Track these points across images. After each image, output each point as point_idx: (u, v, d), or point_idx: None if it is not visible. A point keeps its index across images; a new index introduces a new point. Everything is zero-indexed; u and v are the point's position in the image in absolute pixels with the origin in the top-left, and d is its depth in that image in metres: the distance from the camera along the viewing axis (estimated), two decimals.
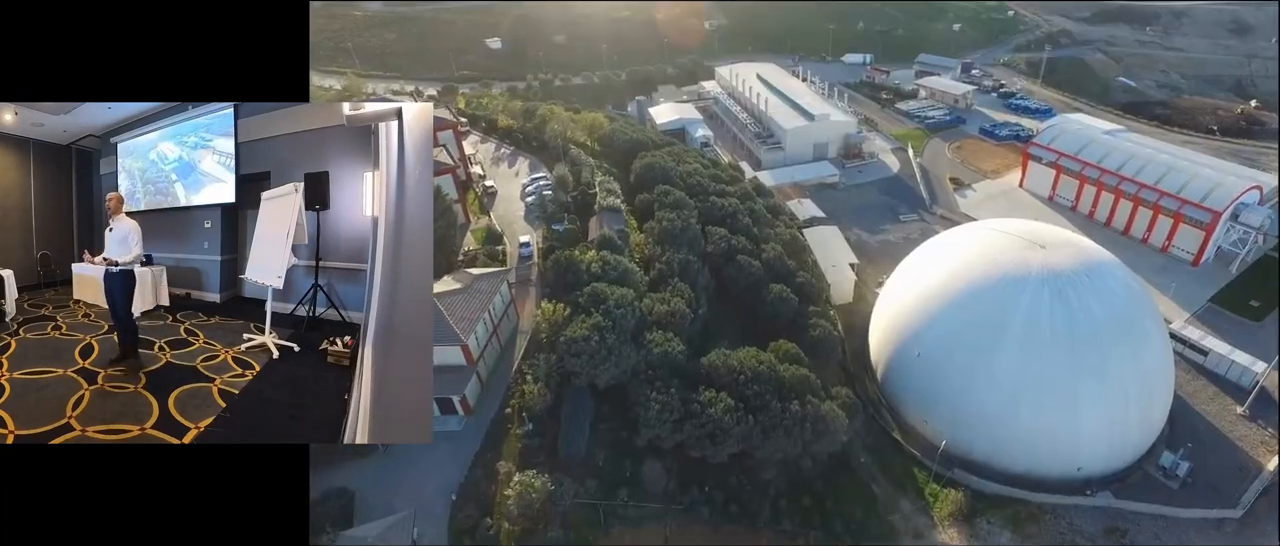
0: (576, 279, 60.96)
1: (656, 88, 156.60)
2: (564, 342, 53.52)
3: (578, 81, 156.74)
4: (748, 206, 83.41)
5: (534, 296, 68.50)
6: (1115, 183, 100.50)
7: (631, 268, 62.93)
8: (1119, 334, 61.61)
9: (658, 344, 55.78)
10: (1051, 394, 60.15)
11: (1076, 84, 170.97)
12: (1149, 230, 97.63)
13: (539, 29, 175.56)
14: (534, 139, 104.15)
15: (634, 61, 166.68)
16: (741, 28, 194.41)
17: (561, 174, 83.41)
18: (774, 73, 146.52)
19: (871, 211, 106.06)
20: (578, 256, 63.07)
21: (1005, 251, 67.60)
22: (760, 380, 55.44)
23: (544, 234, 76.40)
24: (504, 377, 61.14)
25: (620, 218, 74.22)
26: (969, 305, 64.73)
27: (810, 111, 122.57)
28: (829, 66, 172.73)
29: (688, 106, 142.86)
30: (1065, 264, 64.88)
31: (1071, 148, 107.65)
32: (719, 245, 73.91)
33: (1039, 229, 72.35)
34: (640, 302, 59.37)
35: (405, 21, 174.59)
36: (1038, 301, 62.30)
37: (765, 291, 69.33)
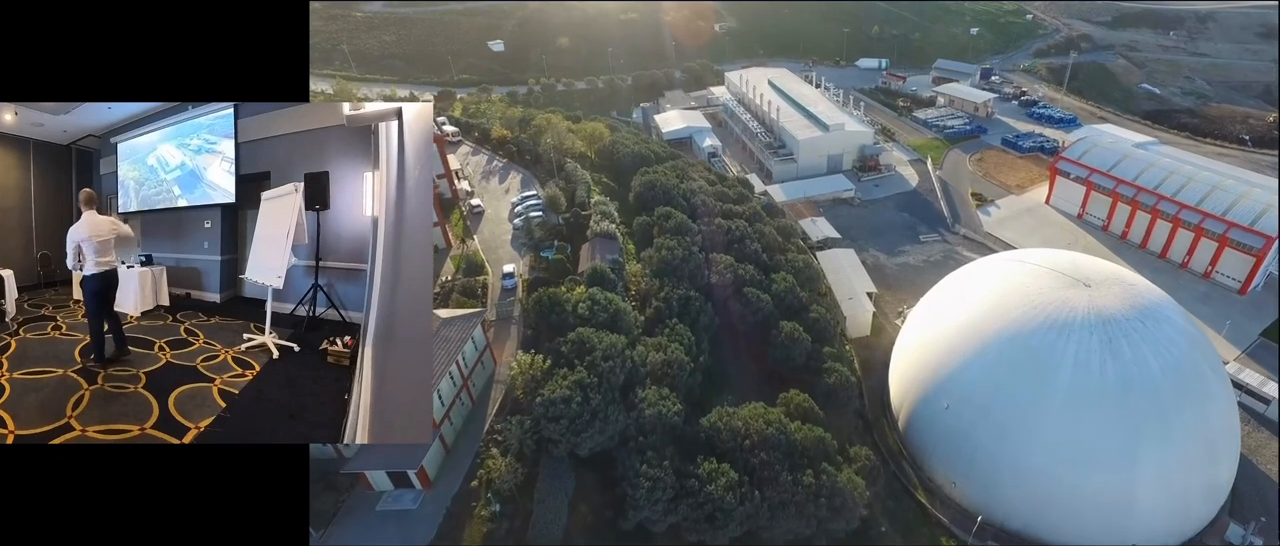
0: (561, 321, 52.67)
1: (663, 93, 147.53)
2: (541, 404, 45.12)
3: (581, 86, 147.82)
4: (757, 230, 74.86)
5: (516, 336, 59.88)
6: (1153, 202, 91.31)
7: (624, 308, 54.33)
8: (1179, 389, 52.84)
9: (651, 403, 47.34)
10: (1102, 457, 51.53)
11: (1099, 91, 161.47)
12: (1189, 254, 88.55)
13: (543, 31, 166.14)
14: (528, 151, 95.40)
15: (640, 66, 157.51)
16: (752, 30, 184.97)
17: (552, 194, 74.43)
18: (786, 79, 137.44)
19: (890, 231, 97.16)
20: (563, 294, 54.66)
21: (1045, 290, 58.80)
22: (768, 445, 47.09)
23: (531, 262, 68.00)
24: (474, 439, 52.47)
25: (615, 245, 65.57)
26: (1006, 353, 56.02)
27: (824, 121, 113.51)
28: (843, 71, 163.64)
29: (695, 114, 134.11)
30: (1115, 306, 56.13)
31: (1104, 163, 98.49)
32: (724, 275, 65.45)
33: (1080, 262, 63.37)
34: (632, 351, 50.99)
35: (405, 23, 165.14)
36: (1086, 350, 53.58)
37: (775, 330, 60.89)
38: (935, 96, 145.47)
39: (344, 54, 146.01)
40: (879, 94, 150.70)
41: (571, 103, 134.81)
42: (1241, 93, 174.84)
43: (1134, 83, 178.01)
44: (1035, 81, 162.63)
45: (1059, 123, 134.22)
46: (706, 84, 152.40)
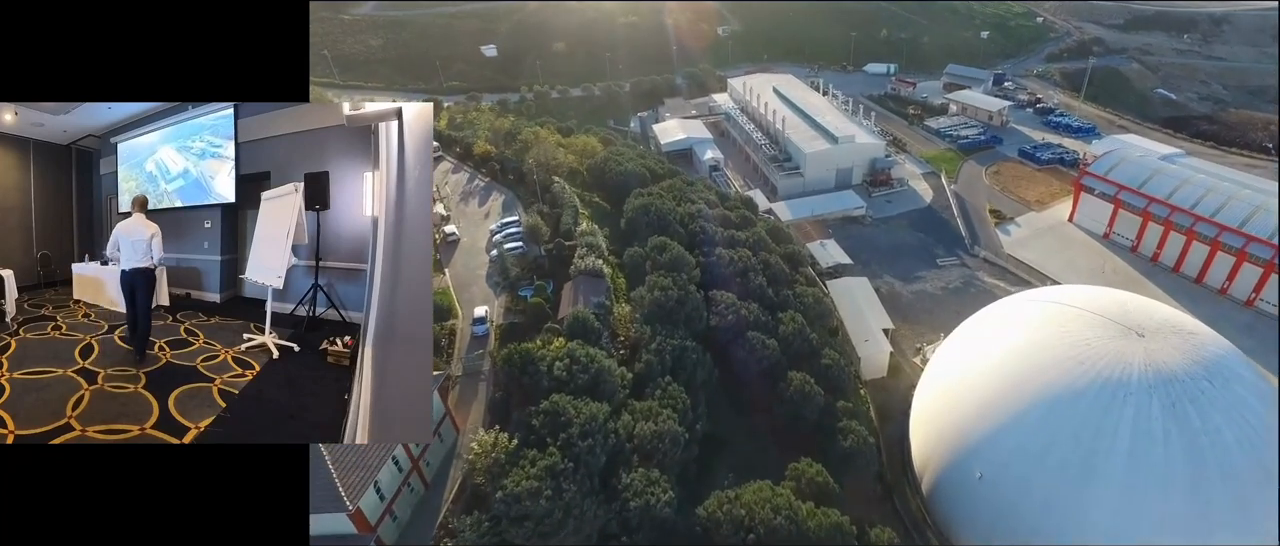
0: (535, 383, 44.35)
1: (663, 100, 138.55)
2: (502, 501, 36.71)
3: (577, 94, 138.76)
4: (762, 260, 66.45)
5: (484, 395, 51.35)
6: (1189, 222, 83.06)
7: (608, 367, 45.72)
8: (1258, 463, 44.41)
9: (636, 491, 38.96)
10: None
11: (1113, 96, 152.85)
12: (1229, 279, 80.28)
13: (538, 36, 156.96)
14: (513, 169, 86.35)
15: (640, 71, 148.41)
16: (756, 34, 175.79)
17: (532, 223, 65.56)
18: (792, 85, 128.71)
19: (904, 254, 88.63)
20: (538, 351, 46.21)
21: (1091, 340, 50.34)
22: (776, 537, 38.81)
23: (507, 303, 59.62)
24: (424, 533, 43.48)
25: (602, 284, 56.88)
26: (1050, 416, 47.53)
27: (833, 133, 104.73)
28: (850, 77, 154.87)
29: (696, 123, 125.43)
30: (1176, 361, 47.73)
31: (1134, 179, 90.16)
32: (726, 316, 57.12)
33: (1128, 305, 54.73)
34: (617, 421, 42.67)
35: (393, 26, 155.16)
36: (1146, 416, 45.19)
37: (783, 383, 52.64)
38: (947, 104, 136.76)
39: (326, 60, 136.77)
40: (888, 101, 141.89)
41: (566, 111, 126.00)
42: (1259, 97, 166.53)
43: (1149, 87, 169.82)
44: (1049, 87, 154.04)
45: (1077, 132, 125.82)
46: (709, 90, 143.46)
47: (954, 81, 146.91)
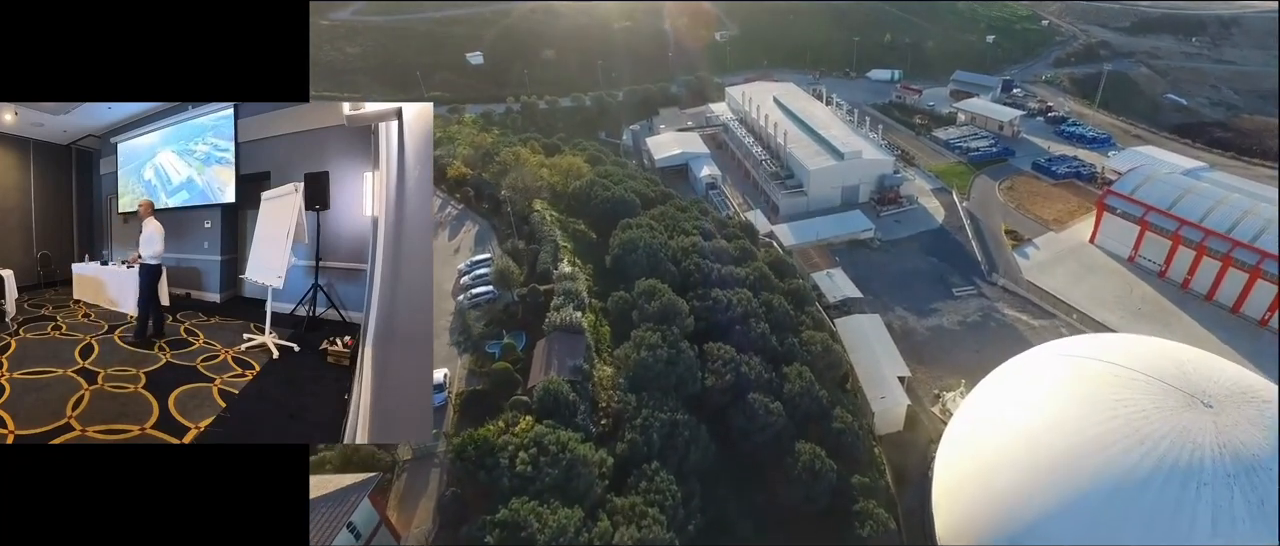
0: (494, 480, 36.14)
1: (658, 110, 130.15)
2: None
3: (567, 104, 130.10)
4: (764, 301, 58.39)
5: (436, 487, 42.67)
6: (1227, 248, 75.50)
7: (582, 454, 37.31)
8: None
9: None
10: None
11: (1123, 102, 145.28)
12: (1270, 311, 72.55)
13: (527, 42, 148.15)
14: (489, 195, 77.52)
15: (634, 79, 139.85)
16: (755, 38, 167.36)
17: (502, 267, 56.96)
18: (793, 95, 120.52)
19: (917, 282, 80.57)
20: (497, 438, 37.90)
21: (1149, 411, 42.35)
22: None
23: (471, 363, 51.27)
24: None
25: (581, 342, 48.28)
26: (1109, 509, 39.39)
27: (838, 148, 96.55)
28: (853, 84, 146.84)
29: (692, 136, 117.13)
30: (1255, 439, 39.94)
31: (1162, 200, 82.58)
32: (723, 375, 48.97)
33: (1184, 363, 46.53)
34: (591, 530, 34.49)
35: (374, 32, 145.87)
36: (1227, 513, 37.38)
37: (789, 458, 44.66)
38: (955, 113, 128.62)
39: None
40: (893, 109, 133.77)
41: (555, 123, 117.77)
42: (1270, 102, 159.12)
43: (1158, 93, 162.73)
44: (1059, 94, 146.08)
45: (1092, 142, 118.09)
46: (706, 99, 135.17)
47: (961, 89, 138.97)
